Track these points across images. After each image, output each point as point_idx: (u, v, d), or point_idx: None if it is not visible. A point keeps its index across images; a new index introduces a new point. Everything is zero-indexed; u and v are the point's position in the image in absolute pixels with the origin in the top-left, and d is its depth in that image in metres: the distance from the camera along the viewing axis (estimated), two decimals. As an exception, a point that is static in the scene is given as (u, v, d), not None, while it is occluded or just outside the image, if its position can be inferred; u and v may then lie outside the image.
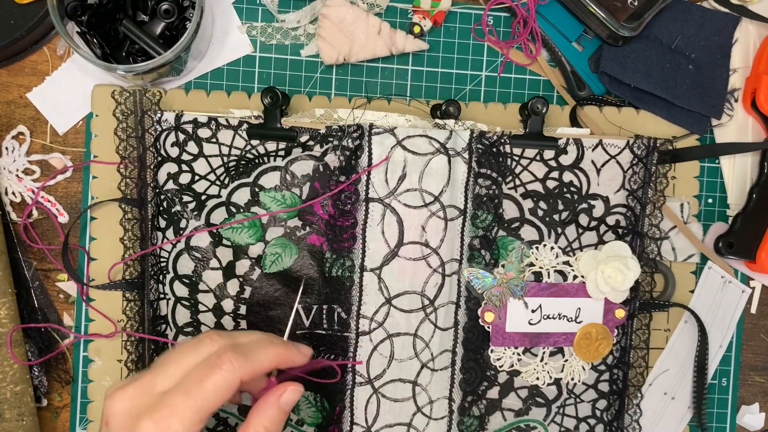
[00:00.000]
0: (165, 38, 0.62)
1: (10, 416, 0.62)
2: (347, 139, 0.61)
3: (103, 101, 0.62)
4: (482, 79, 0.68)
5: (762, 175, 0.67)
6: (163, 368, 0.48)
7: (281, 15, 0.65)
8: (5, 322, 0.61)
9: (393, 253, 0.62)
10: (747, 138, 0.69)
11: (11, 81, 0.65)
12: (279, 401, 0.51)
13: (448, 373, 0.64)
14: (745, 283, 0.69)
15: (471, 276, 0.63)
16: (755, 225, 0.67)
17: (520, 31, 0.67)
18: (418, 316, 0.63)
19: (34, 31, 0.63)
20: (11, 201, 0.65)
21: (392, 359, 0.63)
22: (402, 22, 0.67)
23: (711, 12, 0.67)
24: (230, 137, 0.62)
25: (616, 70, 0.65)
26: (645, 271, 0.66)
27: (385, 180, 0.61)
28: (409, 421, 0.63)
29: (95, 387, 0.64)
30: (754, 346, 0.70)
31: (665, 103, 0.67)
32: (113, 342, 0.64)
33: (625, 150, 0.65)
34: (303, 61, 0.66)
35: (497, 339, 0.63)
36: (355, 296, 0.62)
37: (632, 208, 0.65)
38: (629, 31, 0.64)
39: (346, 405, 0.63)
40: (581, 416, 0.66)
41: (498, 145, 0.63)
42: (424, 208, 0.62)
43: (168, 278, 0.62)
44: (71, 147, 0.65)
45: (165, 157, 0.62)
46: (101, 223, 0.64)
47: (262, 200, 0.62)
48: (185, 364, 0.48)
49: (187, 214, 0.62)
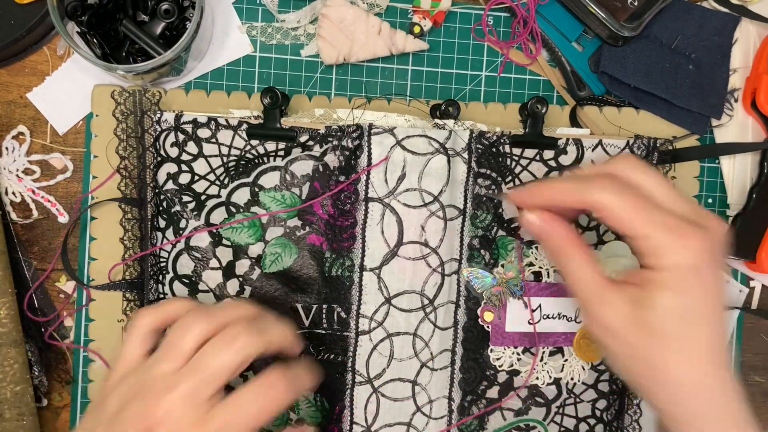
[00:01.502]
0: (165, 38, 0.63)
1: (10, 416, 0.62)
2: (347, 139, 0.61)
3: (103, 101, 0.63)
4: (482, 79, 0.68)
5: (762, 175, 0.67)
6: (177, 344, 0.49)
7: (281, 15, 0.65)
8: (5, 322, 0.61)
9: (392, 252, 0.62)
10: (747, 138, 0.68)
11: (11, 81, 0.65)
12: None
13: (447, 373, 0.64)
14: (745, 283, 0.69)
15: (470, 276, 0.63)
16: (755, 225, 0.67)
17: (520, 31, 0.67)
18: (417, 315, 0.63)
19: (34, 31, 0.63)
20: (11, 201, 0.65)
21: (392, 359, 0.63)
22: (402, 22, 0.67)
23: (711, 12, 0.67)
24: (230, 137, 0.62)
25: (616, 70, 0.65)
26: (645, 271, 0.66)
27: (385, 180, 0.61)
28: (408, 421, 0.63)
29: (95, 387, 0.64)
30: (754, 346, 0.70)
31: (665, 103, 0.67)
32: (113, 342, 0.64)
33: (624, 150, 0.65)
34: (303, 61, 0.66)
35: (497, 339, 0.63)
36: (355, 296, 0.62)
37: (632, 208, 0.65)
38: (629, 31, 0.64)
39: (346, 404, 0.63)
40: (581, 416, 0.66)
41: (498, 145, 0.63)
42: (424, 208, 0.62)
43: (168, 278, 0.62)
44: (71, 147, 0.65)
45: (164, 157, 0.62)
46: (101, 223, 0.64)
47: (262, 200, 0.62)
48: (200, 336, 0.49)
49: (187, 214, 0.62)
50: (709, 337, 0.46)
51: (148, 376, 0.48)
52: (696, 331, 0.46)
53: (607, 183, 0.47)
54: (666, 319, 0.46)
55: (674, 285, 0.45)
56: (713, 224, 0.47)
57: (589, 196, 0.47)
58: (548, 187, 0.50)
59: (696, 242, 0.45)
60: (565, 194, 0.49)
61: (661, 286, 0.46)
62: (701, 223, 0.46)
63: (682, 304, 0.46)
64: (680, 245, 0.45)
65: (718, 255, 0.46)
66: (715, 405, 0.47)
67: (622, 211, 0.46)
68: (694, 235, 0.45)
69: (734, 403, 0.47)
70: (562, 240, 0.49)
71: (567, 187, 0.48)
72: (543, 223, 0.50)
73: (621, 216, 0.46)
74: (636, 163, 0.49)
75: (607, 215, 0.47)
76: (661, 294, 0.46)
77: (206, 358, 0.47)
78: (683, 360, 0.46)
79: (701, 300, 0.46)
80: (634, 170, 0.48)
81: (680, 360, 0.46)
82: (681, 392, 0.47)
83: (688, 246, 0.45)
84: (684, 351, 0.46)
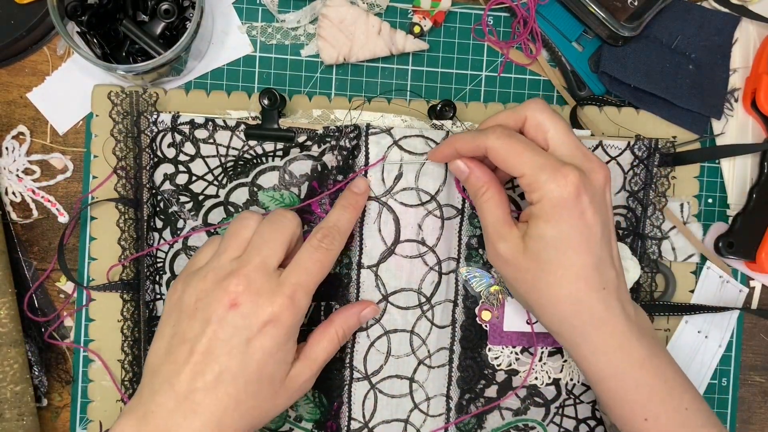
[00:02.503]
0: (165, 38, 0.63)
1: (10, 416, 0.62)
2: (344, 139, 0.61)
3: (103, 101, 0.63)
4: (482, 79, 0.68)
5: (762, 175, 0.67)
6: (269, 248, 0.55)
7: (281, 15, 0.66)
8: (5, 322, 0.61)
9: (390, 250, 0.62)
10: (747, 138, 0.68)
11: (11, 81, 0.65)
12: (360, 314, 0.60)
13: (445, 371, 0.64)
14: (745, 283, 0.69)
15: (468, 274, 0.63)
16: (755, 225, 0.67)
17: (520, 31, 0.67)
18: (414, 313, 0.63)
19: (34, 31, 0.63)
20: (11, 201, 0.65)
21: (389, 355, 0.63)
22: (402, 22, 0.67)
23: (711, 12, 0.67)
24: (227, 138, 0.62)
25: (616, 70, 0.65)
26: (646, 272, 0.66)
27: (382, 179, 0.61)
28: (406, 418, 0.63)
29: (95, 387, 0.64)
30: (754, 346, 0.70)
31: (665, 103, 0.67)
32: (113, 342, 0.64)
33: (625, 151, 0.65)
34: (303, 61, 0.66)
35: (495, 338, 0.63)
36: (353, 293, 0.62)
37: (633, 209, 0.65)
38: (629, 31, 0.64)
39: (344, 400, 0.63)
40: (581, 417, 0.66)
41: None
42: (421, 207, 0.62)
43: (165, 279, 0.62)
44: (71, 147, 0.66)
45: (161, 158, 0.62)
46: (101, 223, 0.64)
47: (261, 200, 0.62)
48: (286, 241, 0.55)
49: (185, 215, 0.62)
50: (579, 260, 0.52)
51: (218, 264, 0.54)
52: (566, 256, 0.52)
53: (496, 131, 0.54)
54: (541, 246, 0.53)
55: (546, 216, 0.52)
56: (592, 167, 0.53)
57: (482, 143, 0.54)
58: (455, 139, 0.57)
59: (568, 180, 0.51)
60: (465, 143, 0.56)
61: (537, 217, 0.53)
62: (580, 166, 0.53)
63: (552, 233, 0.52)
64: (553, 183, 0.51)
65: (591, 193, 0.52)
66: (593, 320, 0.53)
67: (505, 153, 0.53)
68: (567, 174, 0.51)
69: (615, 318, 0.54)
70: (480, 181, 0.57)
71: (466, 137, 0.56)
72: (465, 167, 0.57)
73: (504, 158, 0.53)
74: (541, 106, 0.55)
75: (494, 157, 0.54)
76: (536, 224, 0.53)
77: (263, 238, 0.54)
78: (555, 280, 0.53)
79: (571, 229, 0.52)
80: (540, 112, 0.54)
81: (553, 281, 0.53)
82: (560, 309, 0.54)
83: (560, 183, 0.51)
84: (556, 272, 0.53)
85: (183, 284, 0.55)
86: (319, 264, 0.55)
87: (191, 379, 0.51)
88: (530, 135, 0.55)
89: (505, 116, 0.56)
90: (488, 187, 0.56)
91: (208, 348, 0.51)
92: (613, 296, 0.54)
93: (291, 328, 0.53)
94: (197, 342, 0.51)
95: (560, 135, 0.54)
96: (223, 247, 0.55)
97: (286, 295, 0.52)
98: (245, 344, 0.51)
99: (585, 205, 0.52)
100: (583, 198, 0.52)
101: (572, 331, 0.54)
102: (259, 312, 0.52)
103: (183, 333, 0.52)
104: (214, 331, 0.51)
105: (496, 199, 0.56)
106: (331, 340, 0.58)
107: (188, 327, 0.52)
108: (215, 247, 0.56)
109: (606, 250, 0.54)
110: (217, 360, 0.51)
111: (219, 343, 0.51)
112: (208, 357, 0.51)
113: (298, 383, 0.55)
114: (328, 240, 0.56)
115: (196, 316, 0.52)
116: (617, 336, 0.54)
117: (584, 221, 0.52)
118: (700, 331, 0.68)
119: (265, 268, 0.53)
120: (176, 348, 0.52)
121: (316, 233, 0.56)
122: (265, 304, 0.52)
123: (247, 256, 0.53)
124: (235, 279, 0.52)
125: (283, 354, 0.53)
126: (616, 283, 0.54)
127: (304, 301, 0.54)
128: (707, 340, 0.68)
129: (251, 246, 0.54)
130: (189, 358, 0.51)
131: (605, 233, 0.54)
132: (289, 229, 0.55)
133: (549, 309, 0.54)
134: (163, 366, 0.52)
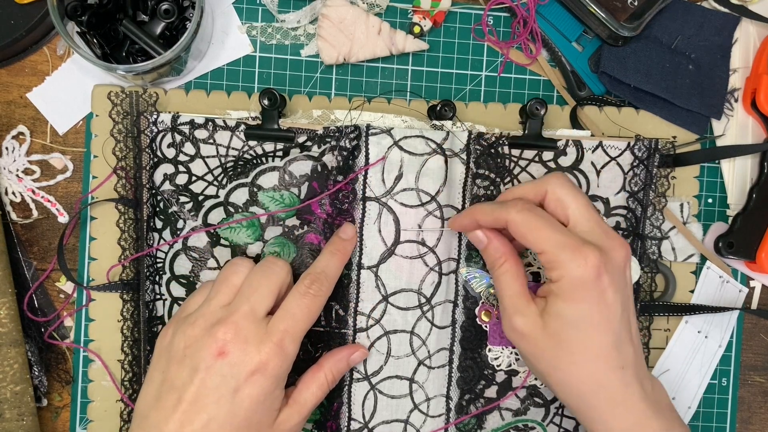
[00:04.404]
0: (165, 38, 0.63)
1: (10, 416, 0.62)
2: (344, 139, 0.61)
3: (103, 101, 0.63)
4: (482, 79, 0.68)
5: (762, 175, 0.67)
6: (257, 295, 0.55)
7: (281, 15, 0.66)
8: (5, 322, 0.61)
9: (390, 251, 0.62)
10: (747, 138, 0.68)
11: (11, 81, 0.65)
12: (349, 358, 0.60)
13: (445, 371, 0.64)
14: (745, 283, 0.69)
15: (468, 275, 0.63)
16: (755, 225, 0.67)
17: (520, 31, 0.67)
18: (414, 313, 0.63)
19: (34, 31, 0.63)
20: (11, 201, 0.65)
21: (389, 356, 0.63)
22: (402, 22, 0.67)
23: (711, 12, 0.67)
24: (227, 138, 0.62)
25: (616, 70, 0.65)
26: (646, 272, 0.66)
27: (382, 179, 0.61)
28: (406, 418, 0.63)
29: (95, 387, 0.64)
30: (754, 346, 0.70)
31: (665, 103, 0.67)
32: (113, 343, 0.64)
33: (625, 152, 0.65)
34: (303, 61, 0.66)
35: (494, 338, 0.63)
36: (353, 293, 0.62)
37: (633, 210, 0.65)
38: (629, 31, 0.64)
39: (344, 401, 0.63)
40: (581, 417, 0.66)
41: (496, 146, 0.63)
42: (421, 208, 0.62)
43: (164, 279, 0.62)
44: (71, 147, 0.66)
45: (161, 158, 0.62)
46: (101, 224, 0.64)
47: (261, 200, 0.62)
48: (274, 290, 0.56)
49: (184, 215, 0.62)
50: (599, 339, 0.53)
51: (207, 311, 0.54)
52: (586, 335, 0.53)
53: (517, 205, 0.54)
54: (560, 325, 0.53)
55: (565, 295, 0.53)
56: (612, 245, 0.53)
57: (502, 216, 0.55)
58: (475, 209, 0.58)
59: (588, 261, 0.52)
60: (485, 215, 0.57)
61: (556, 296, 0.53)
62: (600, 244, 0.53)
63: (572, 312, 0.53)
64: (574, 262, 0.52)
65: (612, 272, 0.53)
66: (611, 399, 0.53)
67: (526, 229, 0.54)
68: (588, 254, 0.52)
69: (633, 396, 0.53)
70: (498, 252, 0.57)
71: (487, 209, 0.57)
72: (484, 237, 0.58)
73: (525, 233, 0.54)
74: (563, 180, 0.56)
75: (514, 231, 0.54)
76: (555, 302, 0.53)
77: (252, 285, 0.55)
78: (575, 360, 0.53)
79: (591, 309, 0.52)
80: (561, 187, 0.55)
81: (572, 360, 0.53)
82: (579, 388, 0.54)
83: (580, 263, 0.52)
84: (575, 352, 0.53)
85: (173, 329, 0.55)
86: (307, 310, 0.55)
87: (179, 427, 0.51)
88: (550, 209, 0.55)
89: (526, 189, 0.57)
90: (506, 258, 0.57)
91: (196, 397, 0.52)
92: (631, 374, 0.54)
93: (278, 376, 0.54)
94: (185, 390, 0.52)
95: (581, 211, 0.54)
96: (213, 293, 0.56)
97: (273, 342, 0.53)
98: (233, 393, 0.52)
99: (605, 285, 0.52)
100: (604, 278, 0.52)
101: (590, 410, 0.54)
102: (247, 360, 0.52)
103: (171, 380, 0.53)
104: (202, 379, 0.52)
105: (513, 271, 0.56)
106: (320, 386, 0.58)
107: (177, 374, 0.53)
108: (206, 292, 0.57)
109: (625, 327, 0.54)
110: (205, 409, 0.52)
111: (207, 392, 0.52)
112: (196, 405, 0.52)
113: (286, 428, 0.56)
114: (315, 286, 0.56)
115: (184, 363, 0.53)
116: (635, 413, 0.54)
117: (605, 301, 0.52)
118: (700, 331, 0.68)
119: (254, 316, 0.54)
120: (165, 395, 0.53)
121: (304, 279, 0.57)
122: (253, 352, 0.52)
123: (236, 304, 0.54)
124: (224, 327, 0.53)
125: (270, 401, 0.54)
126: (634, 359, 0.54)
127: (292, 347, 0.54)
128: (707, 340, 0.68)
129: (240, 293, 0.55)
130: (177, 406, 0.52)
131: (625, 311, 0.54)
132: (279, 276, 0.56)
133: (567, 387, 0.55)
134: (152, 412, 0.53)
